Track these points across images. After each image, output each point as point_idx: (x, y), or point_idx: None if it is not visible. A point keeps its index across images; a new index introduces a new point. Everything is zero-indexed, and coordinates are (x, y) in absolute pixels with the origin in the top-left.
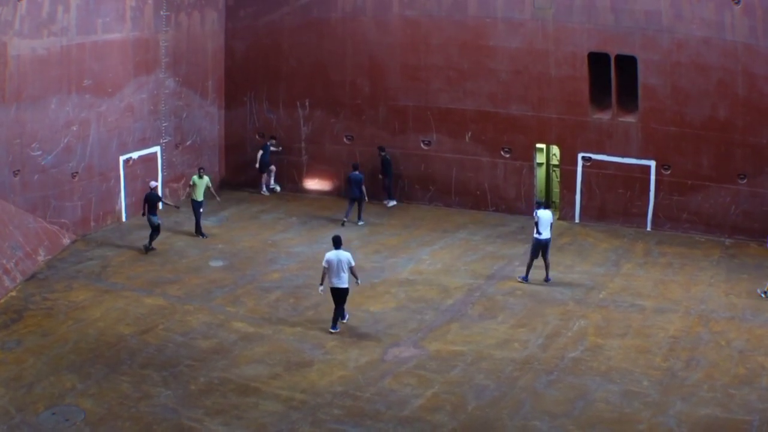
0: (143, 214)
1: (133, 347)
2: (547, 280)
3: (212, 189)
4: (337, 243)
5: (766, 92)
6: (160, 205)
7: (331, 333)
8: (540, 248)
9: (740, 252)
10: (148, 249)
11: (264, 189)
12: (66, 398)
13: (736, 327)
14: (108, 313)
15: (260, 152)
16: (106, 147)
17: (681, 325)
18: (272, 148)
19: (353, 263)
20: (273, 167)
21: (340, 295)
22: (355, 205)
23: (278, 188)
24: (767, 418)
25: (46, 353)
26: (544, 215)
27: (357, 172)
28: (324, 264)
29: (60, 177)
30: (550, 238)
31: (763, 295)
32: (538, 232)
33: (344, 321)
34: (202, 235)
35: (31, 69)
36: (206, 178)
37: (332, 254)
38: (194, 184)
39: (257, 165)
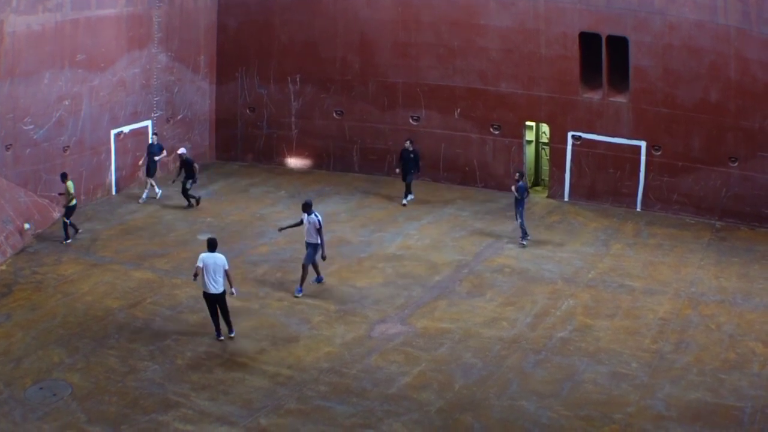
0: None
1: (121, 321)
2: (299, 292)
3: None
4: (211, 246)
5: (759, 77)
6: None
7: (219, 340)
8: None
9: (730, 235)
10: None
11: (145, 196)
12: (53, 373)
13: (726, 311)
14: (96, 287)
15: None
16: (97, 121)
17: (670, 308)
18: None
19: (228, 266)
20: (152, 180)
21: (214, 301)
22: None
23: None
24: (760, 405)
25: (35, 327)
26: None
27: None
28: (199, 263)
29: (51, 151)
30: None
31: None
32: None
33: (232, 335)
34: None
35: (25, 45)
36: (69, 184)
37: (208, 256)
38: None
39: (148, 167)
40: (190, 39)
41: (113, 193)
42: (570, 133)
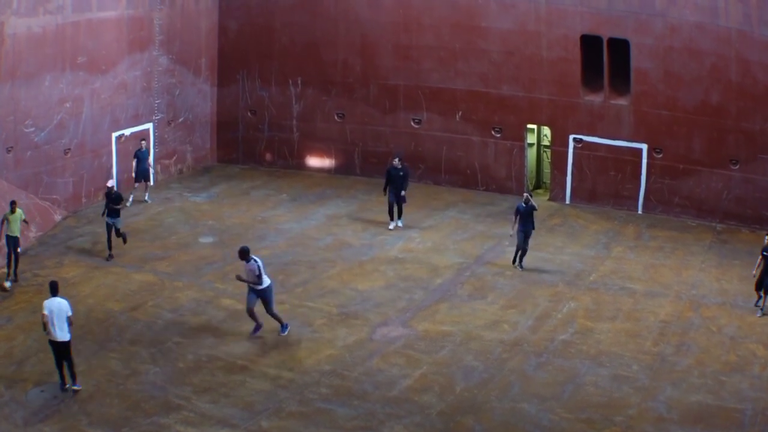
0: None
1: (122, 324)
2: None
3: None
4: (53, 290)
5: (760, 79)
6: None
7: (72, 390)
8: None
9: (732, 237)
10: None
11: (131, 200)
12: (55, 375)
13: (727, 313)
14: (98, 289)
15: (134, 160)
16: (98, 124)
17: (671, 310)
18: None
19: (71, 312)
20: (148, 183)
21: (61, 349)
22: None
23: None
24: (761, 407)
25: (36, 330)
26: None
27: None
28: (44, 311)
29: (52, 153)
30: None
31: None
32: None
33: (76, 388)
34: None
35: (26, 47)
36: (19, 211)
37: (52, 302)
38: (6, 220)
39: (137, 173)
40: (191, 41)
41: None
42: (571, 136)
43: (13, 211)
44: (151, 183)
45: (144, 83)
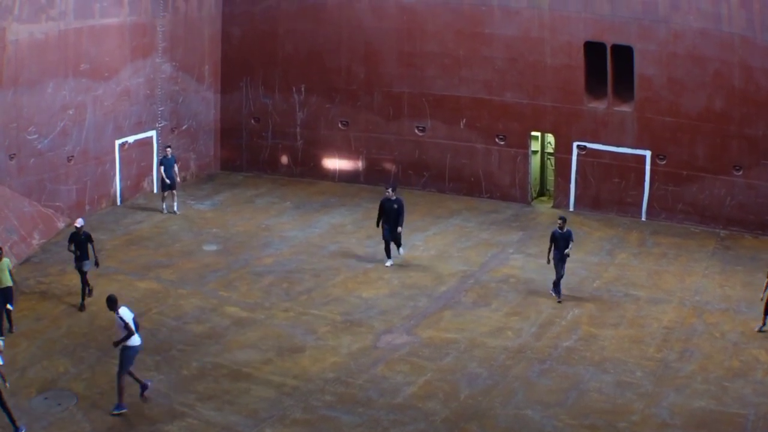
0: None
1: None
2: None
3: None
4: None
5: (763, 84)
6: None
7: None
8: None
9: (735, 244)
10: None
11: (164, 209)
12: (58, 382)
13: (730, 319)
14: (101, 296)
15: (161, 167)
16: (101, 131)
17: (675, 316)
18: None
19: (2, 362)
20: (174, 191)
21: None
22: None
23: (177, 211)
24: (763, 412)
25: (40, 337)
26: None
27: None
28: None
29: (55, 161)
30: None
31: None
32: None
33: None
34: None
35: (28, 53)
36: (6, 260)
37: None
38: None
39: (164, 181)
40: (195, 48)
41: (118, 203)
42: (575, 143)
43: None
44: (175, 191)
45: (147, 90)
